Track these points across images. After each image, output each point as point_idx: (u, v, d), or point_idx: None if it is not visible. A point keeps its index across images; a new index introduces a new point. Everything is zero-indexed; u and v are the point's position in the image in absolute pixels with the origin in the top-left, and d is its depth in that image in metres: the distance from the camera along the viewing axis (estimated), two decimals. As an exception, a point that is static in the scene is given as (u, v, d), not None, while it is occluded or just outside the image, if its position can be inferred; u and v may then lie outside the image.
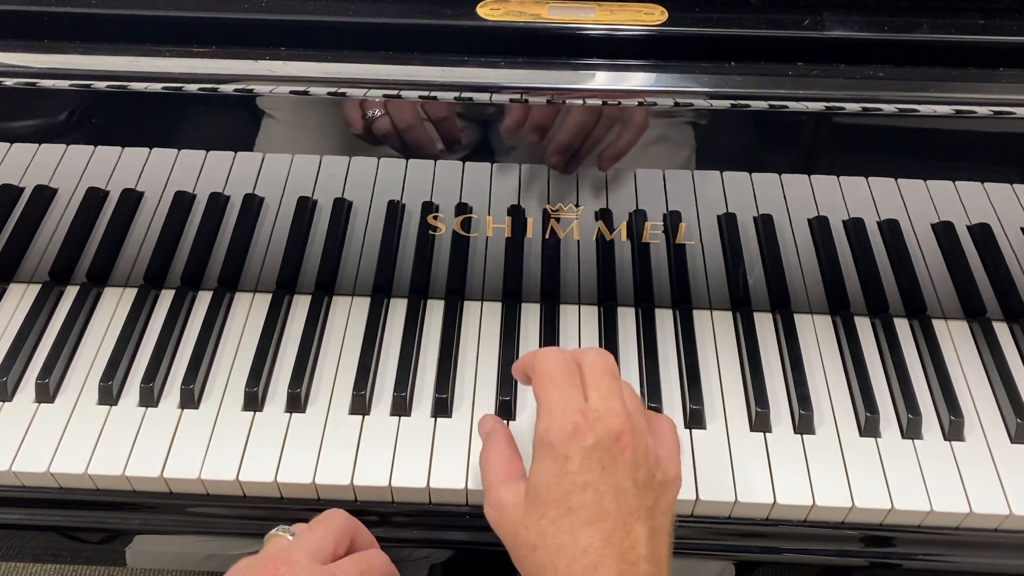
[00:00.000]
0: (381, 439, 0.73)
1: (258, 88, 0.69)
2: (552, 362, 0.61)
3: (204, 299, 0.84)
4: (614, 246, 0.80)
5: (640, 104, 0.69)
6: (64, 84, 0.69)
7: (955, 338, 0.82)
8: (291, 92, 0.69)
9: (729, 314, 0.84)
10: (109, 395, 0.75)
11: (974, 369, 0.80)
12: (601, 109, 0.70)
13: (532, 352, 0.64)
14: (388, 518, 0.73)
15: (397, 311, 0.83)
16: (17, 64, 0.69)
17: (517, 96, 0.69)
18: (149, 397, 0.75)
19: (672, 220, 0.77)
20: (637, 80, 0.69)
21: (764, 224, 0.78)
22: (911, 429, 0.74)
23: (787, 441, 0.74)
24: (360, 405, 0.75)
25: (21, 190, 0.79)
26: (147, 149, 0.75)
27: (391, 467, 0.71)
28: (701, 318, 0.83)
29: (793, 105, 0.68)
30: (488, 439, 0.66)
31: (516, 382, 0.77)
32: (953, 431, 0.74)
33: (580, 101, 0.69)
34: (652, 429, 0.62)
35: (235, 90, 0.69)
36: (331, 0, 0.70)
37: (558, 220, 0.78)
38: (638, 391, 0.77)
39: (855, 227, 0.77)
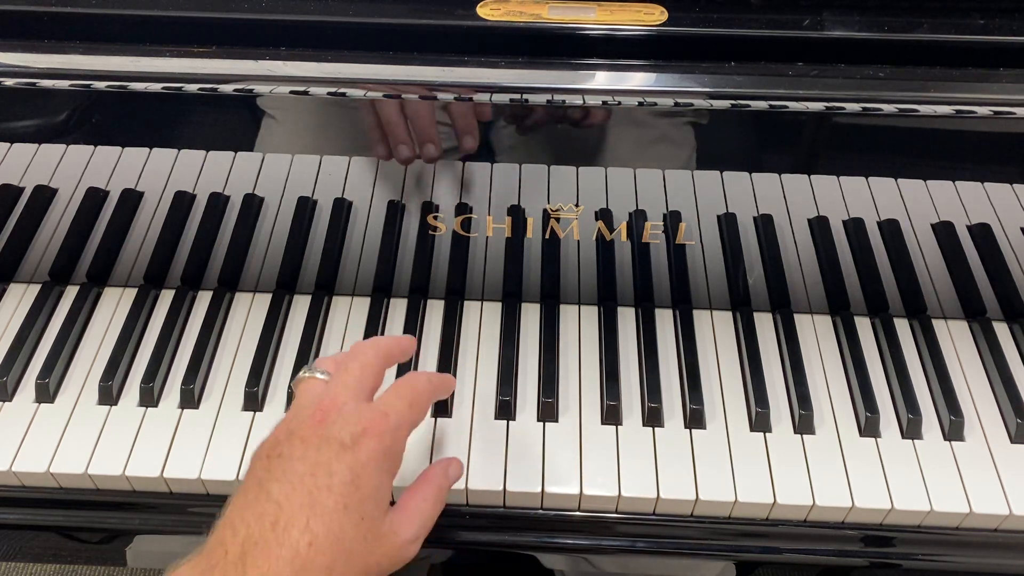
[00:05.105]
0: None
1: (258, 88, 0.69)
2: None
3: (204, 299, 0.84)
4: (614, 246, 0.80)
5: (640, 104, 0.69)
6: (64, 84, 0.69)
7: (955, 338, 0.82)
8: (291, 92, 0.69)
9: (729, 314, 0.84)
10: (109, 395, 0.76)
11: (974, 369, 0.80)
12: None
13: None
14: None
15: (397, 311, 0.83)
16: (17, 64, 0.69)
17: (517, 96, 0.69)
18: (149, 397, 0.75)
19: (672, 220, 0.77)
20: (637, 80, 0.69)
21: (764, 224, 0.78)
22: (911, 429, 0.74)
23: (787, 441, 0.74)
24: (360, 405, 0.75)
25: (21, 190, 0.79)
26: (147, 149, 0.75)
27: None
28: (701, 318, 0.83)
29: (793, 105, 0.68)
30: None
31: (516, 382, 0.77)
32: (953, 431, 0.74)
33: (580, 100, 0.69)
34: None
35: (235, 90, 0.69)
36: (331, 0, 0.70)
37: (558, 220, 0.78)
38: (638, 391, 0.77)
39: (855, 227, 0.77)
